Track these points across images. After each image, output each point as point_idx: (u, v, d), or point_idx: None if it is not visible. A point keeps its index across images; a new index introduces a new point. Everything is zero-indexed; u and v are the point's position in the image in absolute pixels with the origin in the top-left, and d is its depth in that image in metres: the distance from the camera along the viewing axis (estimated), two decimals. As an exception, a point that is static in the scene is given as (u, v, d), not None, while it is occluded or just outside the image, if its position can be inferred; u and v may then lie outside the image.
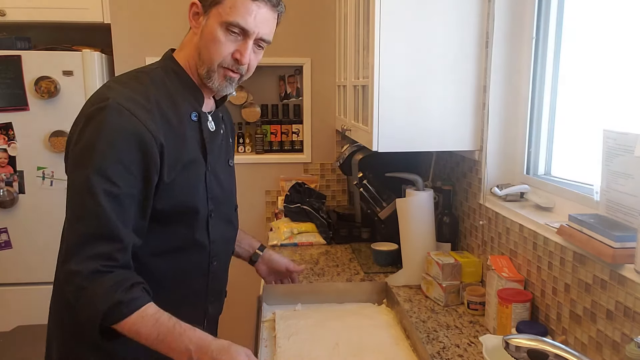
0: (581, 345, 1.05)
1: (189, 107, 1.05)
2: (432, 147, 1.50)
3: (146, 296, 0.91)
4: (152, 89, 1.00)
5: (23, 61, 2.26)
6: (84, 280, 0.88)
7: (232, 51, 1.02)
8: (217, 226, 1.10)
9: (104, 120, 0.91)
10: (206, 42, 1.01)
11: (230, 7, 0.99)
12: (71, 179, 0.95)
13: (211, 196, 1.08)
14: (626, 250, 0.91)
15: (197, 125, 1.06)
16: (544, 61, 1.38)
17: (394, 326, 1.35)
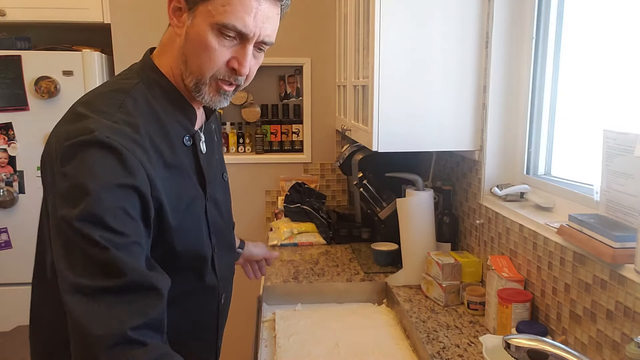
0: (581, 345, 1.05)
1: (180, 129, 0.87)
2: (432, 147, 1.50)
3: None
4: (138, 115, 0.81)
5: (23, 61, 2.25)
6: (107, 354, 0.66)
7: (227, 59, 0.83)
8: (221, 259, 0.98)
9: (94, 158, 0.73)
10: (194, 48, 0.82)
11: (224, 5, 0.79)
12: (64, 227, 0.72)
13: (213, 230, 0.94)
14: (626, 250, 0.91)
15: (191, 150, 0.89)
16: (544, 61, 1.38)
17: (394, 326, 1.35)
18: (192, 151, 0.90)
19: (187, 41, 0.83)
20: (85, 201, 0.71)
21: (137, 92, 0.84)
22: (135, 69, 0.90)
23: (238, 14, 0.80)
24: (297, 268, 1.74)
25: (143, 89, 0.85)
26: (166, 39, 0.89)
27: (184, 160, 0.87)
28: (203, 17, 0.81)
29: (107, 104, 0.81)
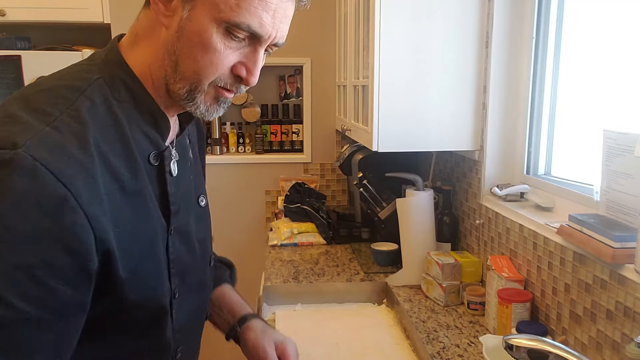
0: (581, 345, 1.05)
1: (147, 145, 0.68)
2: (432, 147, 1.50)
3: None
4: (92, 123, 0.61)
5: (23, 61, 2.25)
6: None
7: (233, 64, 0.67)
8: (183, 307, 0.76)
9: (6, 188, 0.53)
10: (190, 47, 0.64)
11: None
12: None
13: (176, 270, 0.73)
14: (626, 250, 0.91)
15: (157, 171, 0.70)
16: (544, 61, 1.38)
17: (394, 326, 1.35)
18: (159, 172, 0.70)
19: (180, 38, 0.64)
20: None
21: (96, 91, 0.64)
22: (98, 60, 0.70)
23: (255, 11, 0.63)
24: (297, 268, 1.74)
25: (104, 89, 0.65)
26: (142, 28, 0.69)
27: (146, 184, 0.67)
28: (206, 10, 0.63)
29: (52, 103, 0.61)
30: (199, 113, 0.70)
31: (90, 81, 0.66)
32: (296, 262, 1.81)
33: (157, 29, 0.67)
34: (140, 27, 0.70)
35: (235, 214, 2.49)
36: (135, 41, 0.70)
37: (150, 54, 0.68)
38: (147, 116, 0.69)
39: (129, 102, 0.67)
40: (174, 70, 0.66)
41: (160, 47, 0.67)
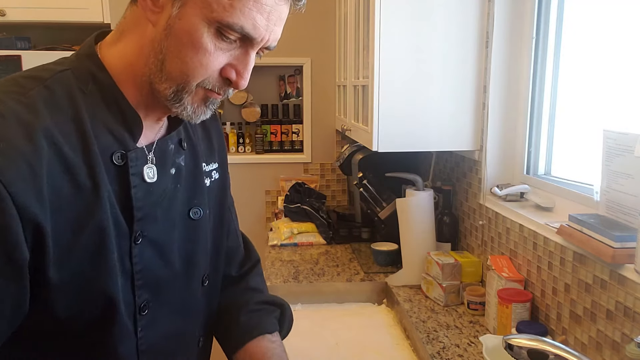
0: (581, 345, 1.05)
1: (111, 142, 0.64)
2: (432, 147, 1.51)
3: None
4: (47, 112, 0.59)
5: (23, 61, 2.25)
6: None
7: (222, 66, 0.64)
8: (154, 327, 0.71)
9: None
10: (178, 46, 0.62)
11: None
12: None
13: (143, 283, 0.68)
14: (626, 250, 0.91)
15: (120, 171, 0.65)
16: (544, 61, 1.38)
17: (393, 326, 1.35)
18: (122, 174, 0.65)
19: (168, 36, 0.61)
20: None
21: (59, 82, 0.62)
22: (73, 55, 0.68)
23: (249, 12, 0.61)
24: (297, 268, 1.74)
25: (69, 80, 0.63)
26: (126, 24, 0.66)
27: (105, 183, 0.63)
28: (197, 9, 0.60)
29: (6, 91, 0.60)
30: (185, 115, 0.67)
31: (54, 72, 0.63)
32: (296, 262, 1.81)
33: (142, 25, 0.64)
34: (125, 23, 0.66)
35: (235, 214, 2.49)
36: (119, 38, 0.66)
37: (133, 51, 0.65)
38: (115, 112, 0.65)
39: (96, 95, 0.64)
40: (159, 70, 0.63)
41: (146, 45, 0.64)
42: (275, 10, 0.63)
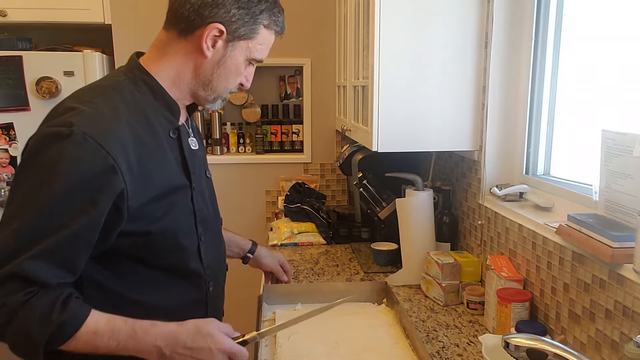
0: (580, 344, 1.05)
1: (166, 123, 0.93)
2: (431, 147, 1.51)
3: (84, 306, 0.82)
4: (123, 108, 0.86)
5: (24, 61, 2.26)
6: (7, 313, 0.77)
7: (241, 79, 0.99)
8: (209, 249, 1.01)
9: (63, 152, 0.78)
10: (227, 73, 0.94)
11: (261, 44, 0.95)
12: (9, 206, 0.81)
13: (200, 219, 0.98)
14: (625, 250, 0.91)
15: (176, 142, 0.94)
16: (543, 61, 1.38)
17: (393, 326, 1.35)
18: (177, 144, 0.95)
19: (219, 67, 0.93)
20: (44, 191, 0.78)
21: (124, 86, 0.91)
22: (122, 69, 0.96)
23: (266, 50, 0.98)
24: (297, 268, 1.74)
25: (129, 85, 0.91)
26: (174, 51, 0.93)
27: (169, 151, 0.92)
28: (241, 51, 0.94)
29: (93, 96, 0.87)
30: (209, 107, 0.99)
31: (119, 81, 0.92)
32: (296, 261, 1.81)
33: (193, 55, 0.93)
34: (171, 50, 0.94)
35: (235, 213, 2.49)
36: (157, 57, 0.94)
37: (178, 70, 0.94)
38: (164, 104, 0.94)
39: (149, 93, 0.92)
40: (206, 85, 0.95)
41: (191, 69, 0.94)
42: None
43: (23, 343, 0.78)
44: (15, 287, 0.77)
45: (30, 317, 0.76)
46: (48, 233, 0.78)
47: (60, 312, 0.78)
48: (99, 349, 0.81)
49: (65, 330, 0.78)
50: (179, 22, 0.91)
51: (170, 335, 0.83)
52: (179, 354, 0.83)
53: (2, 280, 0.76)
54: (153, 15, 2.39)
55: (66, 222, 0.78)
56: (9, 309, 0.76)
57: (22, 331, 0.77)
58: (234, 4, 0.90)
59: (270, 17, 0.95)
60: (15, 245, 0.77)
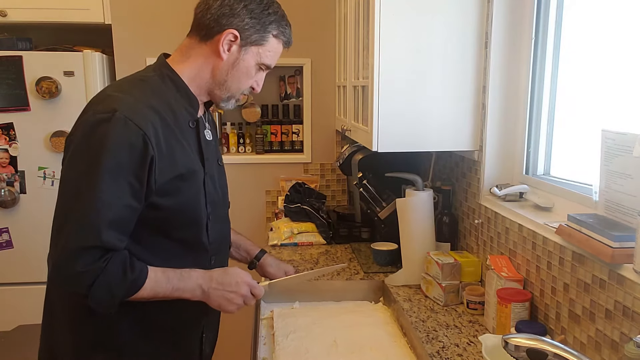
0: (580, 344, 1.05)
1: (186, 114, 1.07)
2: (431, 147, 1.51)
3: (143, 263, 1.00)
4: (154, 98, 1.02)
5: (24, 61, 2.26)
6: (93, 276, 0.94)
7: (252, 82, 1.13)
8: (214, 227, 1.14)
9: (110, 133, 0.93)
10: (239, 74, 1.08)
11: (270, 51, 1.09)
12: (70, 184, 0.96)
13: (209, 200, 1.11)
14: (625, 250, 0.91)
15: (194, 132, 1.09)
16: (543, 61, 1.38)
17: (391, 324, 1.35)
18: (195, 133, 1.09)
19: (233, 68, 1.07)
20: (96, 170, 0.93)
21: (153, 81, 1.06)
22: (152, 67, 1.11)
23: (275, 58, 1.12)
24: (297, 268, 1.74)
25: (157, 80, 1.06)
26: (196, 54, 1.08)
27: (188, 139, 1.06)
28: (252, 56, 1.08)
29: (129, 87, 1.04)
30: (224, 106, 1.14)
31: (149, 76, 1.07)
32: (296, 261, 1.81)
33: (211, 58, 1.07)
34: (193, 53, 1.08)
35: (235, 213, 2.48)
36: (182, 59, 1.09)
37: (198, 71, 1.08)
38: (186, 98, 1.08)
39: (173, 88, 1.07)
40: (222, 84, 1.09)
41: (209, 70, 1.08)
42: None
43: (105, 298, 0.96)
44: (97, 255, 0.94)
45: (110, 278, 0.94)
46: (110, 205, 0.93)
47: (131, 271, 0.97)
48: (158, 294, 1.01)
49: (137, 284, 0.98)
50: (200, 29, 1.06)
51: (206, 275, 1.06)
52: (213, 289, 1.05)
53: (86, 249, 0.94)
54: (153, 15, 2.39)
55: (120, 195, 0.94)
56: (93, 274, 0.93)
57: (105, 290, 0.95)
58: (247, 14, 1.05)
59: (279, 28, 1.09)
60: (90, 220, 0.93)
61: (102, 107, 0.97)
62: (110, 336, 1.05)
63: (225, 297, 1.05)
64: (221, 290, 1.05)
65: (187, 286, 1.03)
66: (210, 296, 1.04)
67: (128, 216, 0.97)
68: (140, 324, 1.07)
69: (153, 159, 0.96)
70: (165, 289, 1.01)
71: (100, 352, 1.05)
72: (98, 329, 1.04)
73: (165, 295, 1.01)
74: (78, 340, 1.06)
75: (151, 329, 1.08)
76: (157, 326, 1.09)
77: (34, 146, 2.32)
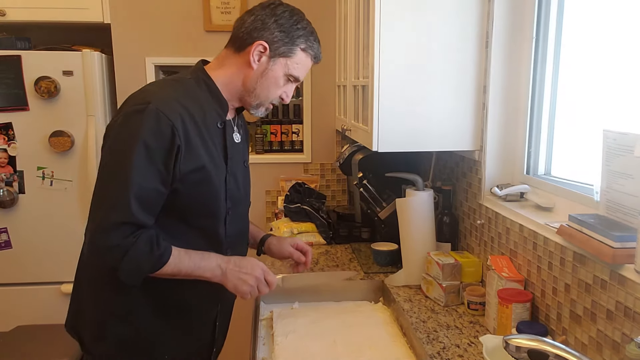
0: (581, 345, 1.05)
1: (215, 116, 1.17)
2: (432, 147, 1.50)
3: (167, 241, 1.09)
4: (186, 98, 1.12)
5: (23, 61, 2.26)
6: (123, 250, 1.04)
7: (281, 93, 1.21)
8: (232, 222, 1.22)
9: (143, 122, 1.04)
10: (268, 83, 1.17)
11: (297, 63, 1.18)
12: (108, 167, 1.07)
13: (230, 196, 1.19)
14: (626, 250, 0.91)
15: (221, 132, 1.18)
16: (543, 61, 1.38)
17: (390, 323, 1.35)
18: (222, 133, 1.18)
19: (262, 77, 1.16)
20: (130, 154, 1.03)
21: (188, 83, 1.16)
22: (190, 70, 1.21)
23: (303, 71, 1.21)
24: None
25: (192, 83, 1.17)
26: (231, 63, 1.18)
27: (214, 138, 1.15)
28: (280, 67, 1.17)
29: (165, 85, 1.17)
30: (254, 113, 1.23)
31: (185, 78, 1.18)
32: (296, 262, 1.80)
33: (243, 67, 1.17)
34: (228, 62, 1.19)
35: (235, 214, 2.48)
36: (218, 66, 1.20)
37: (231, 78, 1.18)
38: (217, 101, 1.18)
39: (207, 91, 1.17)
40: (251, 92, 1.18)
41: (242, 76, 1.18)
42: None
43: (134, 272, 1.05)
44: (128, 230, 1.04)
45: (139, 253, 1.04)
46: (141, 186, 1.03)
47: (157, 248, 1.06)
48: (181, 271, 1.09)
49: (162, 260, 1.06)
50: (235, 41, 1.17)
51: (225, 258, 1.15)
52: (230, 269, 1.13)
53: (119, 225, 1.03)
54: (152, 14, 2.39)
55: (150, 178, 1.04)
56: (124, 248, 1.03)
57: (134, 264, 1.04)
58: (277, 28, 1.14)
59: (306, 42, 1.18)
60: (124, 198, 1.02)
61: (138, 100, 1.08)
62: (129, 311, 1.15)
63: (240, 278, 1.13)
64: (237, 272, 1.14)
65: (208, 265, 1.12)
66: (227, 276, 1.13)
67: (155, 198, 1.07)
68: (157, 304, 1.16)
69: (179, 148, 1.05)
70: (188, 267, 1.10)
71: (117, 323, 1.15)
72: (118, 303, 1.14)
73: (188, 273, 1.10)
74: (99, 311, 1.17)
75: (167, 310, 1.17)
76: (172, 308, 1.17)
77: (33, 146, 2.32)
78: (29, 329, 2.05)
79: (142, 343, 1.17)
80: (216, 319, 1.26)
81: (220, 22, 2.40)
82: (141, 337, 1.16)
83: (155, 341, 1.17)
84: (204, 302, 1.22)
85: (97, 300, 1.17)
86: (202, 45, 2.42)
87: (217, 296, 1.23)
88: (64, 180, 2.35)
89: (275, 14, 1.15)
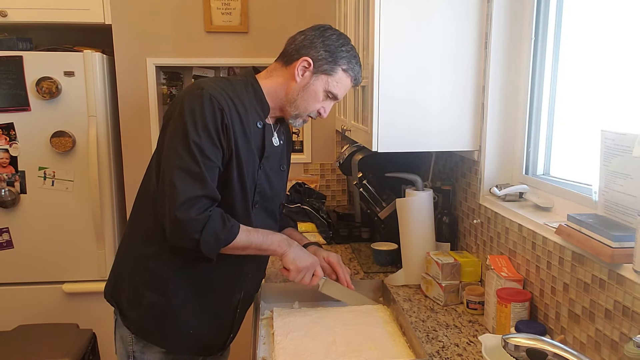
0: (580, 344, 1.05)
1: (256, 116, 1.26)
2: (431, 147, 1.51)
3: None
4: (233, 93, 1.23)
5: (24, 62, 2.26)
6: (202, 223, 1.13)
7: (319, 107, 1.30)
8: (259, 216, 1.31)
9: (201, 104, 1.15)
10: (308, 96, 1.27)
11: (337, 82, 1.27)
12: (175, 149, 1.16)
13: (259, 191, 1.29)
14: (625, 250, 0.91)
15: (261, 132, 1.27)
16: (542, 61, 1.38)
17: (390, 323, 1.35)
18: (261, 133, 1.27)
19: (303, 90, 1.27)
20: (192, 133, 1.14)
21: (237, 83, 1.27)
22: (242, 74, 1.34)
23: (343, 90, 1.30)
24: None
25: (241, 84, 1.27)
26: (278, 75, 1.30)
27: (252, 135, 1.25)
28: (321, 83, 1.27)
29: (217, 82, 1.24)
30: (293, 123, 1.33)
31: (236, 79, 1.29)
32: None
33: (289, 81, 1.28)
34: (276, 72, 1.30)
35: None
36: (268, 76, 1.31)
37: (276, 88, 1.29)
38: (259, 103, 1.28)
39: (252, 94, 1.27)
40: (292, 102, 1.28)
41: (286, 88, 1.28)
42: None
43: (213, 243, 1.15)
44: (205, 204, 1.14)
45: (215, 225, 1.14)
46: (207, 162, 1.14)
47: (228, 220, 1.18)
48: (252, 243, 1.22)
49: (234, 231, 1.18)
50: (284, 56, 1.29)
51: (286, 237, 1.32)
52: (295, 246, 1.30)
53: (198, 198, 1.13)
54: (153, 15, 2.39)
55: (212, 157, 1.15)
56: (203, 221, 1.13)
57: (213, 235, 1.14)
58: (323, 47, 1.25)
59: (348, 64, 1.27)
60: (197, 173, 1.13)
61: (192, 88, 1.20)
62: (163, 283, 1.24)
63: (302, 256, 1.29)
64: (300, 251, 1.30)
65: (275, 241, 1.26)
66: (292, 250, 1.28)
67: (216, 175, 1.18)
68: (188, 280, 1.26)
69: (227, 127, 1.17)
70: (257, 239, 1.22)
71: (151, 292, 1.25)
72: (154, 274, 1.25)
73: (257, 245, 1.22)
74: (137, 280, 1.27)
75: (196, 287, 1.27)
76: (201, 286, 1.27)
77: (35, 146, 2.32)
78: (31, 329, 2.06)
79: (170, 313, 1.26)
80: (237, 305, 1.35)
81: (221, 23, 2.41)
82: (171, 307, 1.26)
83: (182, 313, 1.26)
84: (229, 286, 1.31)
85: (135, 270, 1.28)
86: (202, 46, 2.42)
87: (242, 284, 1.33)
88: (65, 181, 2.36)
89: (324, 35, 1.26)
